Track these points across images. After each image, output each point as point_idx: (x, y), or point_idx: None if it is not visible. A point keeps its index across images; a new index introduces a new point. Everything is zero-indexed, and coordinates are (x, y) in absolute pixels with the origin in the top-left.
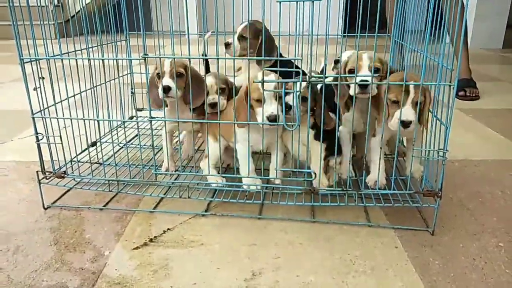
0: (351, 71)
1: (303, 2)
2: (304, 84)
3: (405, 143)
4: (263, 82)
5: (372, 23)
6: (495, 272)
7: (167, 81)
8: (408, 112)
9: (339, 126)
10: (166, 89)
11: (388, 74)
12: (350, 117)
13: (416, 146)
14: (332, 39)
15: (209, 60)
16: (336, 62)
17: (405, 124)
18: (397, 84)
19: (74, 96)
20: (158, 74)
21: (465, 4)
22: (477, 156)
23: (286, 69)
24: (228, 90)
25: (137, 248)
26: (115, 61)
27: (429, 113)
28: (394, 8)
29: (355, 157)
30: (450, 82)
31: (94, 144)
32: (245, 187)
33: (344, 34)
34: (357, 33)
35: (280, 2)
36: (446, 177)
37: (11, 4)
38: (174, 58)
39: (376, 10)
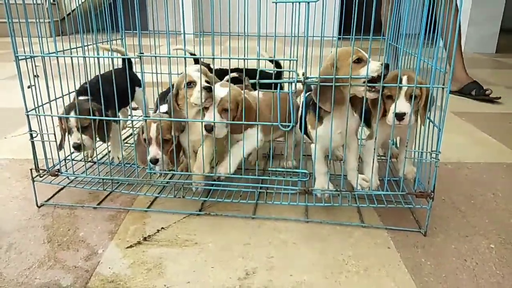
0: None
1: (299, 3)
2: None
3: (398, 145)
4: (258, 83)
5: (367, 26)
6: (486, 272)
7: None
8: (402, 105)
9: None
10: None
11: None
12: (324, 132)
13: (409, 148)
14: (327, 41)
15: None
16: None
17: (399, 116)
18: (391, 81)
19: (69, 94)
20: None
21: (459, 9)
22: (470, 158)
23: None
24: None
25: (130, 246)
26: (110, 59)
27: (426, 110)
28: (389, 11)
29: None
30: (444, 84)
31: None
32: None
33: (340, 36)
34: (352, 35)
35: (276, 3)
36: (439, 179)
37: (6, 2)
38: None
39: (371, 12)
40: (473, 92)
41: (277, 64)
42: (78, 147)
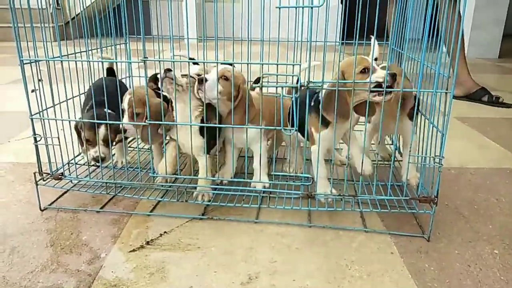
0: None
1: (302, 8)
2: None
3: (401, 150)
4: (261, 86)
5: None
6: (490, 278)
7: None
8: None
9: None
10: (123, 131)
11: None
12: (328, 136)
13: (413, 152)
14: (330, 46)
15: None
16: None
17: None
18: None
19: (73, 98)
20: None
21: (461, 15)
22: (473, 164)
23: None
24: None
25: (133, 250)
26: (114, 64)
27: (418, 115)
28: (392, 14)
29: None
30: (447, 89)
31: None
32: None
33: (343, 41)
34: (355, 40)
35: (279, 8)
36: (442, 184)
37: (12, 6)
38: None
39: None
40: (484, 98)
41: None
42: (98, 159)
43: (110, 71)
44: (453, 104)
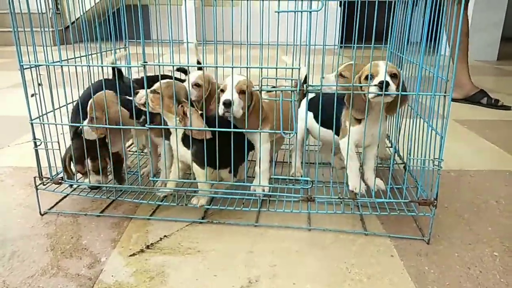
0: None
1: (301, 12)
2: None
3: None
4: (260, 90)
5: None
6: (490, 281)
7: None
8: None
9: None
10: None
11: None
12: (359, 130)
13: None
14: (329, 50)
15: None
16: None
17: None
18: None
19: (73, 102)
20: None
21: (460, 19)
22: (472, 166)
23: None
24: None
25: (133, 254)
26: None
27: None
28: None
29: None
30: (446, 92)
31: None
32: None
33: (341, 45)
34: (354, 43)
35: (278, 13)
36: (441, 187)
37: (12, 11)
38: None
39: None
40: (483, 101)
41: None
42: (94, 187)
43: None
44: (452, 106)
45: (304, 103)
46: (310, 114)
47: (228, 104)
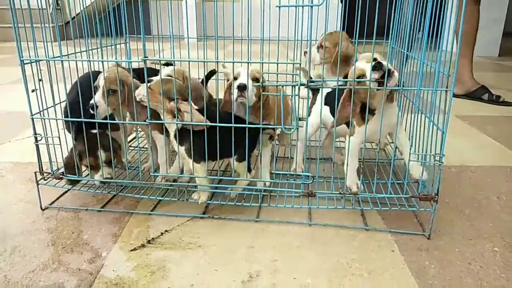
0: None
1: (302, 7)
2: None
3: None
4: (262, 85)
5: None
6: (490, 276)
7: (96, 98)
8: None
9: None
10: (92, 107)
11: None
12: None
13: (413, 151)
14: None
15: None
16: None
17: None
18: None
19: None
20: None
21: (462, 13)
22: (473, 162)
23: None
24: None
25: (134, 249)
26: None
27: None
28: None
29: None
30: (447, 87)
31: None
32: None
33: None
34: (356, 39)
35: (279, 7)
36: (442, 182)
37: (12, 6)
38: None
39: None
40: (485, 97)
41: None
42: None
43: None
44: (453, 102)
45: (318, 98)
46: (327, 108)
47: (243, 87)
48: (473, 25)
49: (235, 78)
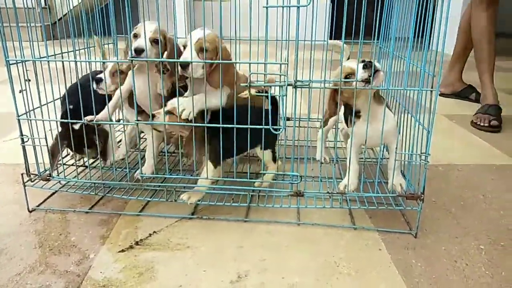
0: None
1: (289, 7)
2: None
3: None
4: (249, 86)
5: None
6: (476, 273)
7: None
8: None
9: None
10: (98, 80)
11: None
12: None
13: (398, 151)
14: (318, 45)
15: None
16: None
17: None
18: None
19: (60, 98)
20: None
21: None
22: (460, 160)
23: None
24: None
25: (122, 251)
26: (102, 63)
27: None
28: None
29: None
30: (432, 87)
31: None
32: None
33: (331, 40)
34: (343, 39)
35: (266, 8)
36: (429, 181)
37: None
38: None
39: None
40: (472, 96)
41: None
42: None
43: None
44: (441, 102)
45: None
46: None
47: (184, 66)
48: (491, 31)
49: (184, 47)
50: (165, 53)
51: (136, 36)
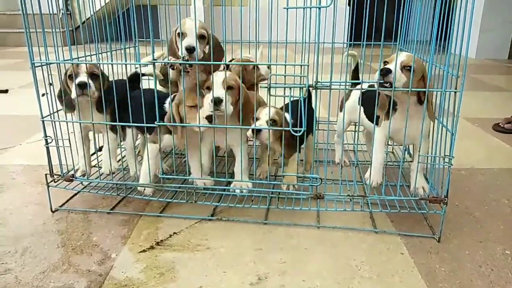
0: None
1: (310, 9)
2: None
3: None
4: (269, 87)
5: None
6: (502, 279)
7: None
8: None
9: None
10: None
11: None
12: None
13: (422, 154)
14: (338, 48)
15: None
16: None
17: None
18: None
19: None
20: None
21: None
22: (483, 164)
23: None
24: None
25: (143, 251)
26: (124, 66)
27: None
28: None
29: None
30: (456, 88)
31: (102, 148)
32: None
33: (350, 43)
34: (363, 41)
35: (287, 9)
36: (452, 185)
37: (24, 12)
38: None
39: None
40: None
41: None
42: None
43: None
44: (462, 105)
45: (352, 95)
46: (361, 108)
47: (218, 102)
48: None
49: (208, 88)
50: (206, 47)
51: (180, 34)
